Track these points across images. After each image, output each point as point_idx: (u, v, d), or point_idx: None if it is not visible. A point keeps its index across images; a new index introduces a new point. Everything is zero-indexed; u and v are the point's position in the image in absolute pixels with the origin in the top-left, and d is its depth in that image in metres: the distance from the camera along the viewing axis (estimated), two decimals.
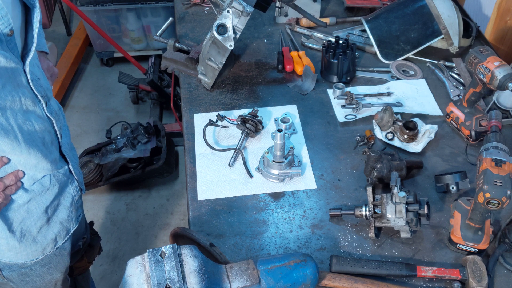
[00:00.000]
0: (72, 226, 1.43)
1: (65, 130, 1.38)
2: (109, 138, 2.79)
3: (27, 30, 1.15)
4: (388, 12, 1.99)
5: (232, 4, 1.60)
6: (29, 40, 1.14)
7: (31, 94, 1.16)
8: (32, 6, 1.13)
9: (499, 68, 1.40)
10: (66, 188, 1.38)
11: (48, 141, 1.26)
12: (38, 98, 1.19)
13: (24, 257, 1.34)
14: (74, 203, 1.41)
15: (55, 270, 1.46)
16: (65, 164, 1.36)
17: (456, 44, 1.90)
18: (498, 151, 1.22)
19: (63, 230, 1.40)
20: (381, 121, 1.61)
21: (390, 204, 1.30)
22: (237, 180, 1.51)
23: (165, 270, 0.97)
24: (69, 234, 1.43)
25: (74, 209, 1.42)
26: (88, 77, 3.65)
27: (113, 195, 2.85)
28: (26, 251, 1.33)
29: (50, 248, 1.38)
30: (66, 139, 1.38)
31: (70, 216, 1.41)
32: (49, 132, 1.25)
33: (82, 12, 2.99)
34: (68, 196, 1.39)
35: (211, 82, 1.79)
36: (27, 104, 1.15)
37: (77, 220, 1.45)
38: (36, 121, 1.19)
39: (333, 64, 1.81)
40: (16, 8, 1.09)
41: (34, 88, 1.16)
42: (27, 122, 1.16)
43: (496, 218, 1.40)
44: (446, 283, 1.25)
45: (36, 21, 1.13)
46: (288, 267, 1.10)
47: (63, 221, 1.39)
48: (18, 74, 1.10)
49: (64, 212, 1.38)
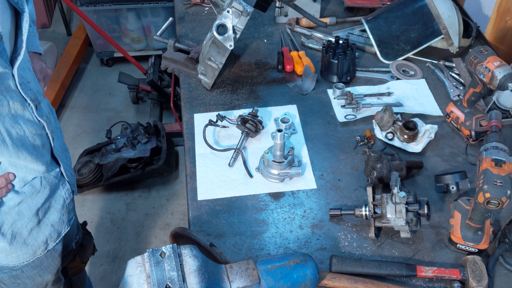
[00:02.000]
0: (64, 229, 1.43)
1: (57, 132, 1.38)
2: (109, 138, 2.79)
3: (17, 34, 1.14)
4: (388, 12, 1.99)
5: (232, 4, 1.60)
6: (19, 45, 1.13)
7: (20, 97, 1.15)
8: (22, 11, 1.12)
9: (499, 68, 1.40)
10: (58, 191, 1.37)
11: (39, 144, 1.25)
12: (27, 102, 1.18)
13: (14, 259, 1.34)
14: (65, 206, 1.41)
15: (46, 272, 1.46)
16: (56, 167, 1.36)
17: (456, 44, 1.90)
18: (498, 151, 1.22)
19: (54, 233, 1.40)
20: (381, 121, 1.61)
21: (390, 204, 1.30)
22: (237, 180, 1.51)
23: (165, 270, 0.97)
24: (60, 237, 1.42)
25: (66, 212, 1.42)
26: (88, 77, 3.65)
27: (113, 195, 2.85)
28: (16, 253, 1.33)
29: (41, 251, 1.38)
30: (58, 142, 1.38)
31: (62, 219, 1.40)
32: (40, 135, 1.25)
33: (82, 12, 2.99)
34: (60, 199, 1.39)
35: (211, 82, 1.79)
36: (16, 107, 1.14)
37: (68, 223, 1.44)
38: (25, 125, 1.18)
39: (333, 64, 1.81)
40: (5, 12, 1.09)
41: (22, 92, 1.15)
42: (15, 125, 1.15)
43: (496, 218, 1.40)
44: (446, 283, 1.25)
45: (25, 25, 1.12)
46: (288, 267, 1.10)
47: (54, 224, 1.38)
48: (6, 78, 1.10)
49: (55, 215, 1.38)
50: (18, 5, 1.11)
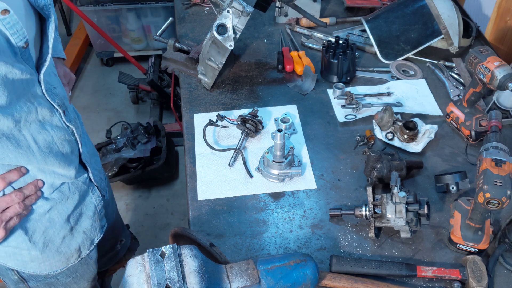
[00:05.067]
0: (97, 236, 1.41)
1: (84, 137, 1.35)
2: (109, 138, 2.79)
3: (42, 40, 1.11)
4: (388, 12, 1.99)
5: (232, 4, 1.60)
6: (45, 50, 1.10)
7: (47, 104, 1.12)
8: (47, 17, 1.09)
9: (499, 68, 1.40)
10: (87, 197, 1.35)
11: (68, 150, 1.21)
12: (55, 108, 1.15)
13: (47, 268, 1.32)
14: (97, 212, 1.38)
15: (81, 279, 1.44)
16: (84, 172, 1.32)
17: (456, 44, 1.90)
18: (498, 151, 1.22)
19: (87, 240, 1.37)
20: (381, 121, 1.61)
21: (390, 204, 1.30)
22: (237, 180, 1.51)
23: (165, 270, 0.97)
24: (93, 245, 1.40)
25: (98, 219, 1.39)
26: (88, 77, 3.65)
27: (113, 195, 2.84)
28: (49, 261, 1.31)
29: (75, 259, 1.36)
30: (86, 147, 1.34)
31: (94, 226, 1.38)
32: (69, 141, 1.21)
33: (82, 12, 3.00)
34: (91, 205, 1.36)
35: (211, 82, 1.79)
36: (44, 114, 1.12)
37: (101, 230, 1.42)
38: (53, 131, 1.16)
39: (333, 64, 1.81)
40: (30, 19, 1.06)
41: (49, 97, 1.12)
42: (43, 131, 1.13)
43: (496, 218, 1.40)
44: (446, 283, 1.25)
45: (51, 31, 1.09)
46: (288, 267, 1.10)
47: (86, 231, 1.36)
48: (33, 84, 1.07)
49: (87, 222, 1.36)
50: (44, 10, 1.08)
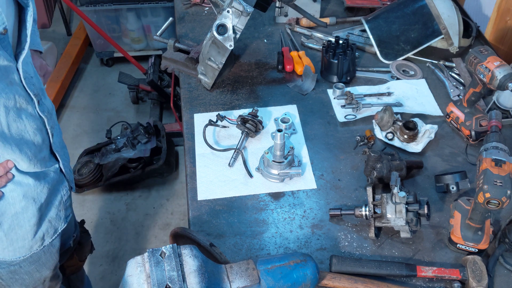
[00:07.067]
0: (60, 226, 1.44)
1: (56, 129, 1.39)
2: (109, 138, 2.79)
3: (21, 29, 1.16)
4: (388, 12, 1.99)
5: (232, 4, 1.60)
6: (23, 39, 1.15)
7: (24, 92, 1.17)
8: (26, 5, 1.14)
9: (499, 68, 1.40)
10: (56, 187, 1.38)
11: (39, 139, 1.26)
12: (30, 97, 1.20)
13: (11, 254, 1.35)
14: (63, 203, 1.42)
15: (44, 267, 1.46)
16: (55, 163, 1.37)
17: (456, 44, 1.90)
18: (498, 151, 1.22)
19: (51, 229, 1.40)
20: (381, 121, 1.61)
21: (390, 204, 1.30)
22: (237, 180, 1.51)
23: (165, 270, 0.97)
24: (57, 233, 1.43)
25: (63, 208, 1.43)
26: (88, 77, 3.65)
27: (113, 195, 2.85)
28: (13, 247, 1.33)
29: (38, 246, 1.39)
30: (57, 138, 1.39)
31: (59, 215, 1.41)
32: (40, 130, 1.26)
33: (82, 12, 3.00)
34: (58, 195, 1.40)
35: (211, 82, 1.79)
36: (21, 102, 1.16)
37: (65, 220, 1.45)
38: (27, 119, 1.20)
39: (333, 64, 1.81)
40: (9, 6, 1.11)
41: (26, 86, 1.17)
42: (17, 119, 1.17)
43: (496, 218, 1.40)
44: (446, 283, 1.25)
45: (29, 20, 1.14)
46: (288, 267, 1.10)
47: (51, 220, 1.39)
48: (11, 72, 1.12)
49: (53, 211, 1.39)
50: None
